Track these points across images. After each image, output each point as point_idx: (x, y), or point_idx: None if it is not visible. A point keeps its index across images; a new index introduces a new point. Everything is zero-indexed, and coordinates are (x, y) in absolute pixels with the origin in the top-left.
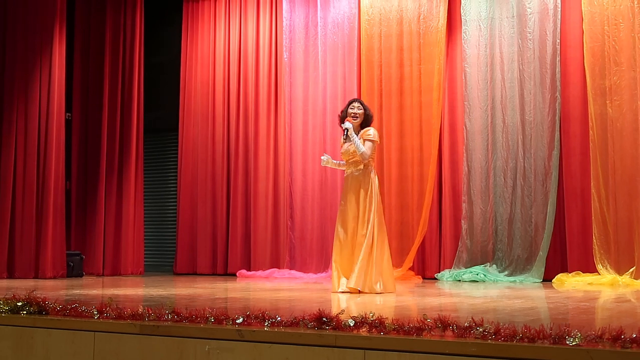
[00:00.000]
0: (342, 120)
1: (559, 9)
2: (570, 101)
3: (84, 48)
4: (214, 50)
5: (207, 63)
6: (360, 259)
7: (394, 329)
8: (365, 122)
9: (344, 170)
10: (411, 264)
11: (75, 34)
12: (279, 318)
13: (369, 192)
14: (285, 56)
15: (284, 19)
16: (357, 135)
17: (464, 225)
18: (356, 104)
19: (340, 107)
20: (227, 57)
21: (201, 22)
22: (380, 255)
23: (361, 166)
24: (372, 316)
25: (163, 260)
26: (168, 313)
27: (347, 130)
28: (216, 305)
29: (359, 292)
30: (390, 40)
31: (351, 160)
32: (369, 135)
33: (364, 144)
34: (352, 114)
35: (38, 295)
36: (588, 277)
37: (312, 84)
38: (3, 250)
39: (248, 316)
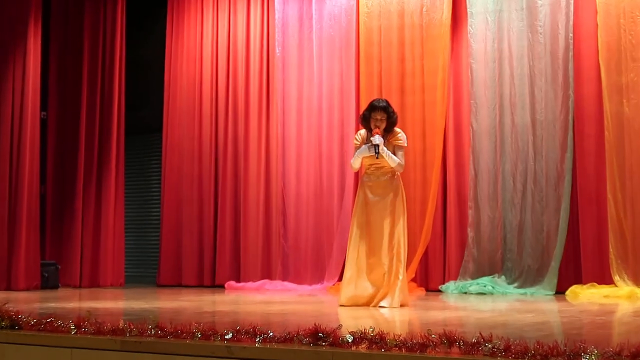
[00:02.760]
0: (362, 121)
1: (572, 1)
2: (584, 99)
3: (60, 42)
4: (201, 45)
5: (193, 59)
6: (401, 274)
7: (395, 345)
8: (390, 126)
9: (356, 169)
10: (414, 275)
11: (52, 27)
12: (271, 333)
13: (398, 199)
14: (277, 51)
15: (276, 12)
16: (385, 139)
17: (470, 233)
18: (379, 115)
19: (337, 106)
20: (215, 52)
21: (187, 15)
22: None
23: (392, 174)
24: (372, 331)
25: (145, 270)
26: (151, 328)
27: (378, 147)
28: (203, 320)
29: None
30: (391, 34)
31: (378, 165)
32: (399, 141)
33: (394, 151)
34: (374, 125)
35: (10, 309)
36: (604, 289)
37: (307, 81)
38: None
39: (238, 331)
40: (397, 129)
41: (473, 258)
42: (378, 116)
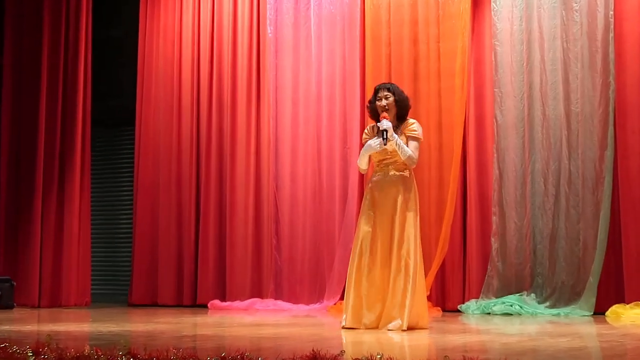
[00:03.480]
0: (372, 114)
1: None
2: (626, 88)
3: (16, 20)
4: (180, 23)
5: (171, 40)
6: (410, 291)
7: None
8: (401, 110)
9: (364, 168)
10: (428, 293)
11: (6, 1)
12: None
13: (410, 202)
14: (269, 31)
15: None
16: (397, 129)
17: (494, 243)
18: (383, 92)
19: (339, 95)
20: (197, 32)
21: None
22: (422, 282)
23: (406, 172)
24: (380, 358)
25: (115, 288)
26: (122, 354)
27: (386, 132)
28: (183, 345)
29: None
30: (402, 11)
31: (388, 161)
32: (413, 131)
33: (407, 144)
34: (381, 107)
35: None
36: None
37: (304, 66)
38: None
39: (223, 358)
40: (410, 119)
41: (497, 273)
42: (382, 94)
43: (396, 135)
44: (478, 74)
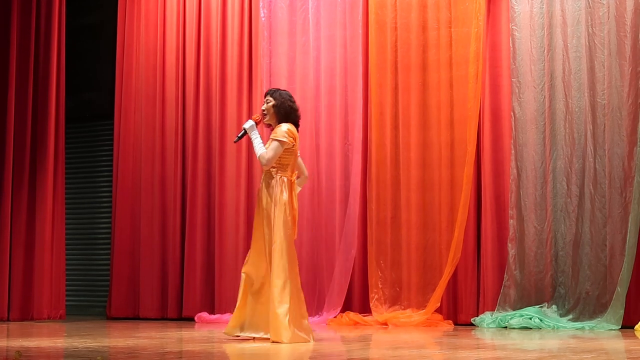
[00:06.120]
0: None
1: None
2: None
3: None
4: (163, 7)
5: (154, 25)
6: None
7: None
8: (281, 117)
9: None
10: (438, 304)
11: None
12: None
13: (264, 211)
14: (262, 14)
15: None
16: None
17: (511, 250)
18: (265, 97)
19: (339, 85)
20: (182, 16)
21: None
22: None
23: (262, 182)
24: None
25: (93, 299)
26: None
27: (244, 131)
28: None
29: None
30: None
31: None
32: (273, 133)
33: (270, 145)
34: (261, 111)
35: None
36: None
37: (300, 54)
38: None
39: None
40: (283, 124)
41: (515, 282)
42: (264, 99)
43: (256, 135)
44: (494, 62)
